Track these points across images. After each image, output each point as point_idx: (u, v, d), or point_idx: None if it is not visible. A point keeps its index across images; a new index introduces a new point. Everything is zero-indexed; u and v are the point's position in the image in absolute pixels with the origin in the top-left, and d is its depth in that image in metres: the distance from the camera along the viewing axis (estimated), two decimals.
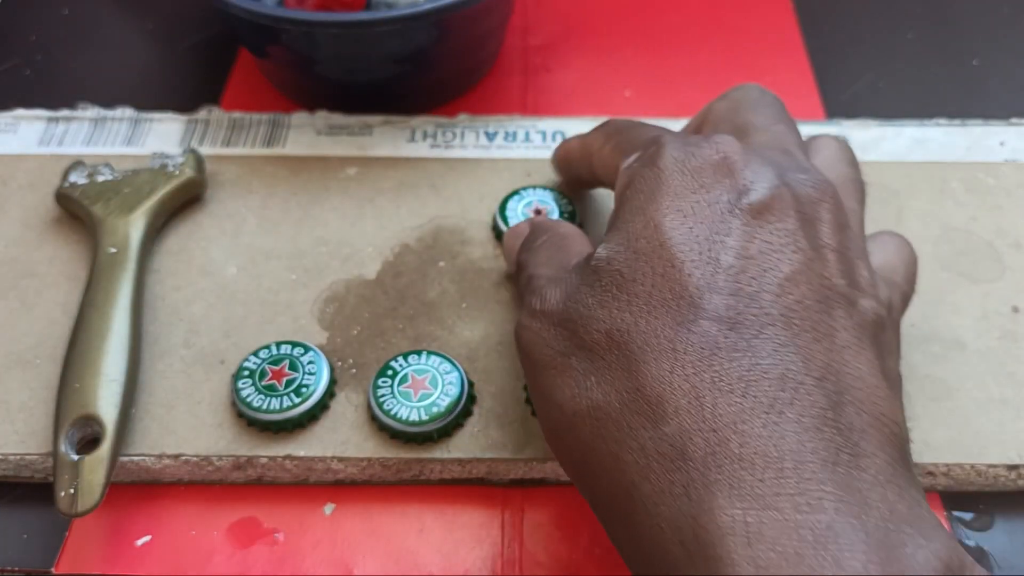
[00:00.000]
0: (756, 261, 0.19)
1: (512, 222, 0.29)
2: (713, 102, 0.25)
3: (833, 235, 0.20)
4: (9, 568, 0.24)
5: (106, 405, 0.24)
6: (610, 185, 0.25)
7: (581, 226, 0.30)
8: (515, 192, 0.30)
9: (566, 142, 0.29)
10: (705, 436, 0.17)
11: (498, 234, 0.30)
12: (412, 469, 0.25)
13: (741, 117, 0.24)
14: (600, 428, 0.19)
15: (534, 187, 0.30)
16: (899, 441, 0.18)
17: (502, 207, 0.30)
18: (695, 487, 0.17)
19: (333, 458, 0.25)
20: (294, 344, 0.26)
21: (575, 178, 0.29)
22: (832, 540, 0.15)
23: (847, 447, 0.17)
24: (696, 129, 0.26)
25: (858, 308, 0.19)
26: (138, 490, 0.25)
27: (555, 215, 0.30)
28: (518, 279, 0.25)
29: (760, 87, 0.25)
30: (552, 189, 0.30)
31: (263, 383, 0.25)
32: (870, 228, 0.25)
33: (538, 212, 0.30)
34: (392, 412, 0.24)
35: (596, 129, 0.26)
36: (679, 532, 0.17)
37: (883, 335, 0.20)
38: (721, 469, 0.17)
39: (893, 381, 0.20)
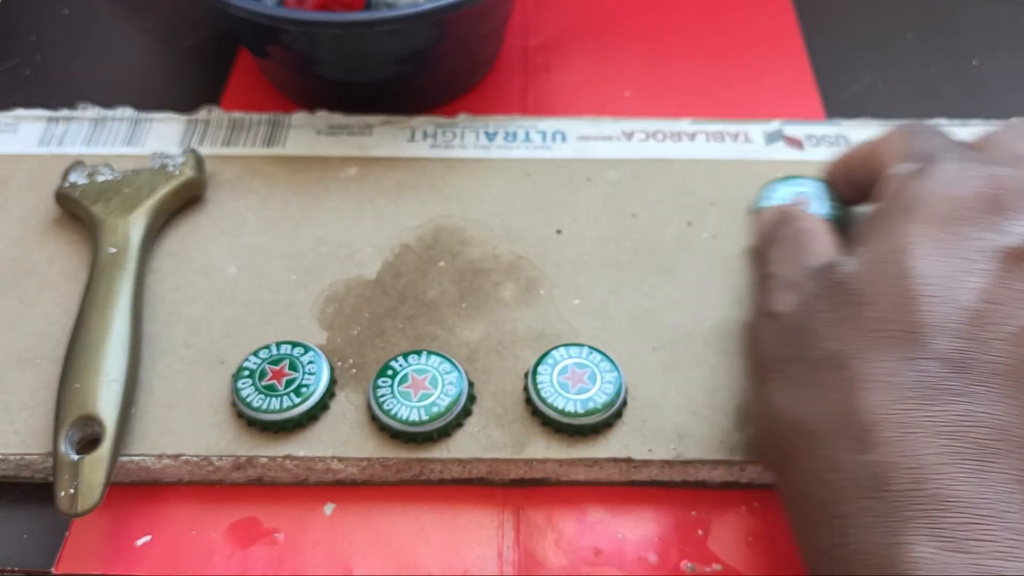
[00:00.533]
0: (999, 308, 0.19)
1: (770, 202, 0.29)
2: (997, 129, 0.24)
3: None
4: (9, 568, 0.24)
5: (106, 405, 0.24)
6: None
7: (844, 229, 0.27)
8: (791, 176, 0.30)
9: (852, 148, 0.28)
10: (908, 472, 0.17)
11: (755, 211, 0.29)
12: (412, 469, 0.25)
13: (1022, 146, 0.23)
14: (806, 441, 0.19)
15: (814, 179, 0.29)
16: None
17: (768, 186, 0.30)
18: (889, 520, 0.17)
19: (333, 458, 0.25)
20: (294, 344, 0.26)
21: (853, 184, 0.27)
22: None
23: None
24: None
25: None
26: (138, 490, 0.25)
27: (823, 211, 0.28)
28: (755, 268, 0.25)
29: None
30: (829, 186, 0.29)
31: (263, 383, 0.25)
32: None
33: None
34: (392, 412, 0.24)
35: (895, 128, 0.25)
36: (866, 558, 0.17)
37: None
38: (919, 507, 0.17)
39: None
